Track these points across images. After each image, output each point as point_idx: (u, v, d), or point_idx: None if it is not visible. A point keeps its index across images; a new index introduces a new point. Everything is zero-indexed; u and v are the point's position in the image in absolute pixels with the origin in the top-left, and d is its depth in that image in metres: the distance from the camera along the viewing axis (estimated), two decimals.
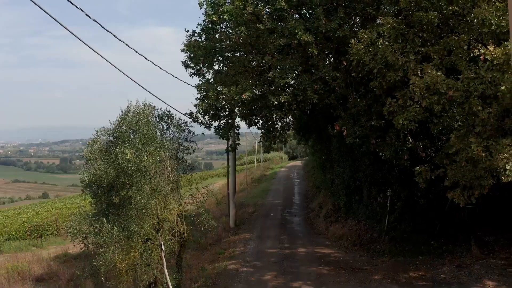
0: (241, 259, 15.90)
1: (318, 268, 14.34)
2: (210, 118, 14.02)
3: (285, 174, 45.15)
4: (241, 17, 11.21)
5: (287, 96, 11.37)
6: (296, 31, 10.61)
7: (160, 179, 11.04)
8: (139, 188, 10.60)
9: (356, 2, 11.20)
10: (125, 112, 11.60)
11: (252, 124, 16.19)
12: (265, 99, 11.80)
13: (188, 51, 15.86)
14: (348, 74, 11.20)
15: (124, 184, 10.76)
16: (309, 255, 15.91)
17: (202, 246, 18.50)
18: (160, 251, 10.90)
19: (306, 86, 11.21)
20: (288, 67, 11.34)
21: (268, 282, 13.33)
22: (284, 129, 17.99)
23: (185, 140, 13.01)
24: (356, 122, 11.12)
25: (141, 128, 10.84)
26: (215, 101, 12.22)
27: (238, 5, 10.88)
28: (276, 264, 15.01)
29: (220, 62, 15.62)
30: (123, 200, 10.91)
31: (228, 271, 14.74)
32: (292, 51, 11.83)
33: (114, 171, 10.86)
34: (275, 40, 11.16)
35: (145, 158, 10.38)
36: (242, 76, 12.31)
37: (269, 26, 11.18)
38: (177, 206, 11.70)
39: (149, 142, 10.73)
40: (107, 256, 10.32)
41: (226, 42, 14.28)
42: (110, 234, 10.42)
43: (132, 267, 10.95)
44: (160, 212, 11.18)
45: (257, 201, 28.66)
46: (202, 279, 13.89)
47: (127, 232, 10.70)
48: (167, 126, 12.64)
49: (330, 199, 21.90)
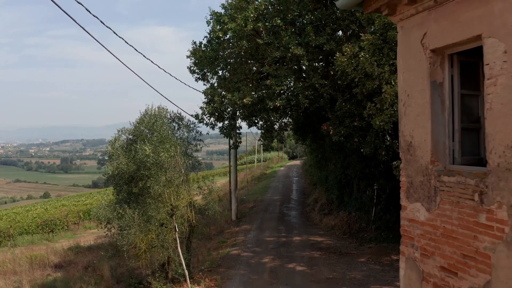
0: (242, 246, 17.90)
1: (310, 252, 16.33)
2: (215, 120, 16.08)
3: (285, 172, 47.08)
4: (243, 33, 13.23)
5: (282, 100, 13.39)
6: (289, 45, 12.62)
7: (173, 172, 13.05)
8: (156, 179, 12.60)
9: (341, 20, 13.19)
10: (143, 114, 13.62)
11: (252, 125, 18.22)
12: (263, 103, 13.82)
13: (193, 58, 17.95)
14: (335, 82, 13.20)
15: (143, 176, 12.76)
16: (303, 242, 17.92)
17: (207, 236, 20.51)
18: (174, 232, 12.90)
19: (298, 92, 13.24)
20: (283, 75, 13.39)
21: (266, 264, 15.33)
22: (281, 129, 20.03)
23: (193, 139, 15.06)
24: (341, 123, 13.11)
25: (158, 128, 12.85)
26: (220, 105, 14.26)
27: (240, 24, 12.89)
28: (274, 250, 17.00)
29: (223, 69, 17.65)
30: (142, 190, 12.93)
31: (231, 255, 16.73)
32: (287, 62, 13.84)
33: (134, 165, 12.87)
34: (272, 53, 13.18)
35: (162, 153, 12.38)
36: (243, 83, 14.34)
37: (266, 41, 13.19)
38: (187, 195, 13.73)
39: (165, 140, 12.73)
40: (129, 236, 12.32)
41: (229, 50, 16.31)
42: (132, 218, 12.41)
43: (149, 247, 12.95)
44: (173, 200, 13.17)
45: (257, 197, 30.66)
46: (208, 262, 15.88)
47: (146, 216, 12.71)
48: (178, 126, 14.69)
49: (324, 194, 23.91)
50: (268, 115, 14.48)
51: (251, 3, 13.34)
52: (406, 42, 4.54)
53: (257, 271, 14.56)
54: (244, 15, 12.98)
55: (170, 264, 13.90)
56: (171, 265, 13.85)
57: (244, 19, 13.00)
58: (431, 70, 4.21)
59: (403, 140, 4.64)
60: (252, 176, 42.67)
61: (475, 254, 3.66)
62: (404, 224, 4.66)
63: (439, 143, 4.21)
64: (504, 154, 3.37)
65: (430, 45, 4.20)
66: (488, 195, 3.53)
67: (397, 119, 12.54)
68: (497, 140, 3.43)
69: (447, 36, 3.98)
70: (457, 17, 3.86)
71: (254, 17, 13.16)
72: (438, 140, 4.20)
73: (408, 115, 4.50)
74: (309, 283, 13.16)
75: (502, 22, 3.41)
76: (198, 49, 17.66)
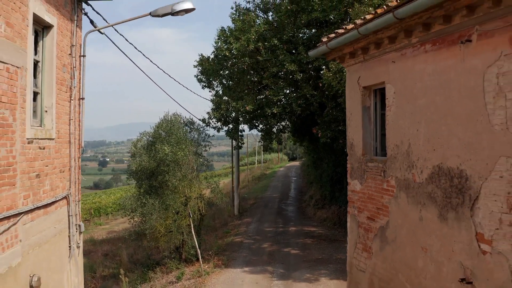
0: (244, 235, 20.82)
1: (304, 240, 19.24)
2: (222, 124, 19.09)
3: (284, 173, 50.00)
4: (246, 51, 16.16)
5: (279, 108, 16.33)
6: (284, 62, 15.55)
7: (187, 168, 15.98)
8: (173, 174, 15.52)
9: None
10: (161, 120, 16.59)
11: (253, 127, 21.18)
12: (262, 110, 16.75)
13: (200, 67, 20.96)
14: (323, 93, 16.09)
15: (162, 171, 15.68)
16: (298, 232, 20.84)
17: (213, 228, 23.45)
18: (188, 218, 15.81)
19: (292, 101, 16.17)
20: (279, 87, 16.34)
21: (265, 249, 18.23)
22: (280, 131, 22.99)
23: (203, 140, 18.03)
24: (328, 127, 15.99)
25: (175, 131, 15.79)
26: (226, 111, 17.22)
27: (243, 44, 15.83)
28: (272, 238, 19.92)
29: (227, 79, 20.62)
30: (161, 183, 15.85)
31: (235, 242, 19.64)
32: (282, 75, 16.77)
33: (154, 162, 15.80)
34: (270, 68, 16.11)
35: (179, 152, 15.31)
36: (245, 93, 17.28)
37: (265, 58, 16.12)
38: (198, 188, 16.67)
39: (181, 141, 15.66)
40: (151, 221, 15.23)
41: (233, 62, 19.26)
42: (153, 206, 15.33)
43: (167, 231, 15.85)
44: (187, 192, 16.08)
45: (257, 195, 33.58)
46: (215, 247, 18.78)
47: (164, 205, 15.62)
48: (189, 129, 17.65)
49: (319, 190, 26.82)
50: (267, 120, 17.40)
51: (252, 27, 16.28)
52: (349, 81, 7.46)
53: (257, 254, 17.46)
54: (247, 36, 15.93)
55: (184, 247, 16.80)
56: (185, 247, 16.75)
57: (247, 40, 15.93)
58: (363, 99, 7.12)
59: (348, 142, 7.55)
60: (252, 176, 45.56)
61: (382, 207, 6.56)
62: (349, 193, 7.55)
63: (367, 143, 7.10)
64: (393, 149, 6.27)
65: (362, 84, 7.11)
66: (387, 172, 6.43)
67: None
68: (390, 141, 6.34)
69: (370, 79, 6.88)
70: (374, 69, 6.77)
71: (255, 38, 16.09)
72: (366, 141, 7.10)
73: (351, 126, 7.41)
74: (301, 262, 16.06)
75: (393, 76, 6.31)
76: (205, 60, 20.64)
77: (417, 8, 5.14)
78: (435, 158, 5.44)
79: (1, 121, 5.04)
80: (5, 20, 5.16)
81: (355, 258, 7.40)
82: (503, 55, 4.53)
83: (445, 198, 5.28)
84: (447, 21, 5.14)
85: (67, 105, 7.05)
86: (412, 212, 5.87)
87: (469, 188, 4.92)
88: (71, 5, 7.21)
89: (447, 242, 5.27)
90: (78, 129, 7.41)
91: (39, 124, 6.33)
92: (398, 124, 6.17)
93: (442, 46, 5.35)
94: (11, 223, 5.24)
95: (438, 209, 5.41)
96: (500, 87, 4.57)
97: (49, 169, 6.34)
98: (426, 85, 5.61)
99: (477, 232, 4.85)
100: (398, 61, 6.19)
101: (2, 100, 5.07)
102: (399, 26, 5.73)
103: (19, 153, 5.43)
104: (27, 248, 5.68)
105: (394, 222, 6.30)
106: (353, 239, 7.50)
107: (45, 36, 6.49)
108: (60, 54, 6.78)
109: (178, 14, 7.39)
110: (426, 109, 5.60)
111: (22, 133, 5.54)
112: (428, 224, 5.58)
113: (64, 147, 6.90)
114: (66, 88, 7.03)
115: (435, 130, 5.44)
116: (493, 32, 4.65)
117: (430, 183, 5.54)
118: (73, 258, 7.23)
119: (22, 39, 5.58)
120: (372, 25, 5.95)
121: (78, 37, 7.48)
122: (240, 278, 14.64)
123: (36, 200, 5.90)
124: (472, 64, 4.89)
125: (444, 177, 5.29)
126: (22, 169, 5.54)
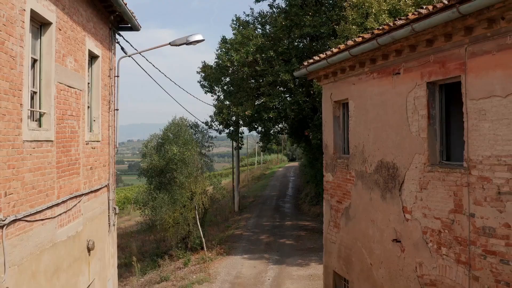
0: (244, 228, 23.20)
1: (298, 232, 21.61)
2: (224, 127, 21.58)
3: (283, 173, 52.36)
4: (245, 62, 18.58)
5: (274, 113, 18.74)
6: (279, 72, 17.96)
7: (193, 166, 18.36)
8: (181, 171, 17.90)
9: (319, 52, 18.44)
10: (170, 123, 19.00)
11: (252, 130, 23.59)
12: (260, 114, 19.16)
13: (203, 73, 23.41)
14: (314, 99, 18.46)
15: (171, 169, 18.07)
16: (293, 225, 23.22)
17: (215, 223, 25.83)
18: (194, 211, 18.18)
19: (286, 107, 18.58)
20: (275, 94, 18.75)
21: (263, 240, 20.60)
22: (278, 133, 25.41)
23: (206, 141, 20.48)
24: (318, 130, 18.35)
25: (182, 133, 18.18)
26: (227, 116, 19.65)
27: (243, 56, 18.24)
28: (269, 231, 22.29)
29: (228, 85, 23.04)
30: (170, 179, 18.25)
31: (235, 235, 22.02)
32: (278, 84, 19.18)
33: (164, 161, 18.19)
34: (266, 77, 18.52)
35: (186, 152, 17.69)
36: (245, 99, 19.69)
37: (263, 68, 18.53)
38: (202, 184, 19.07)
39: (188, 142, 18.06)
40: (162, 214, 17.60)
41: (233, 69, 21.68)
42: (163, 200, 17.70)
43: (175, 223, 18.22)
44: (193, 188, 18.46)
45: (256, 193, 35.97)
46: (217, 238, 21.14)
47: (172, 199, 18.00)
48: (194, 132, 20.08)
49: (314, 188, 29.15)
50: (264, 123, 19.83)
51: (251, 40, 18.69)
52: (324, 96, 9.84)
53: (255, 244, 19.84)
54: (246, 49, 18.34)
55: (189, 237, 19.18)
56: (190, 237, 19.12)
57: (246, 52, 18.34)
58: (334, 110, 9.48)
59: (323, 143, 9.93)
60: (252, 176, 47.93)
61: (346, 192, 8.92)
62: (324, 184, 9.92)
63: (337, 144, 9.47)
64: (353, 149, 8.64)
65: (333, 99, 9.48)
66: (349, 166, 8.80)
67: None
68: (351, 143, 8.71)
69: (339, 96, 9.25)
70: (341, 88, 9.15)
71: (253, 50, 18.50)
72: (336, 143, 9.47)
73: (325, 131, 9.79)
74: (294, 251, 18.45)
75: (353, 94, 8.67)
76: (208, 67, 23.06)
77: (365, 49, 7.50)
78: (379, 155, 7.80)
79: (72, 129, 7.40)
80: (74, 57, 7.52)
81: (328, 233, 9.77)
82: (417, 84, 6.88)
83: (385, 183, 7.63)
84: (385, 59, 7.51)
85: (107, 115, 9.42)
86: (365, 194, 8.23)
87: (398, 176, 7.28)
88: (110, 38, 9.58)
89: (386, 215, 7.62)
90: (114, 133, 9.77)
91: (90, 130, 8.69)
92: (356, 130, 8.53)
93: (383, 76, 7.72)
94: (78, 201, 7.60)
95: (380, 191, 7.76)
96: (415, 106, 6.91)
97: (97, 163, 8.70)
98: (374, 102, 7.97)
99: (403, 206, 7.20)
100: (356, 83, 8.55)
101: (73, 114, 7.42)
102: (355, 59, 8.10)
103: (81, 151, 7.79)
104: (85, 220, 8.03)
105: (354, 203, 8.65)
106: (327, 218, 9.88)
107: (93, 64, 8.86)
108: (102, 77, 9.15)
109: (191, 44, 9.77)
110: (374, 120, 7.96)
111: (83, 137, 7.90)
112: (375, 203, 7.94)
113: (105, 147, 9.27)
114: (107, 102, 9.41)
115: (379, 135, 7.80)
116: (411, 68, 7.01)
117: (376, 173, 7.90)
118: (110, 233, 9.59)
119: (82, 69, 7.94)
120: (336, 58, 8.34)
121: (113, 61, 9.85)
122: (240, 263, 17.03)
123: (90, 186, 8.27)
124: (400, 89, 7.25)
125: (384, 168, 7.65)
126: (83, 163, 7.89)
